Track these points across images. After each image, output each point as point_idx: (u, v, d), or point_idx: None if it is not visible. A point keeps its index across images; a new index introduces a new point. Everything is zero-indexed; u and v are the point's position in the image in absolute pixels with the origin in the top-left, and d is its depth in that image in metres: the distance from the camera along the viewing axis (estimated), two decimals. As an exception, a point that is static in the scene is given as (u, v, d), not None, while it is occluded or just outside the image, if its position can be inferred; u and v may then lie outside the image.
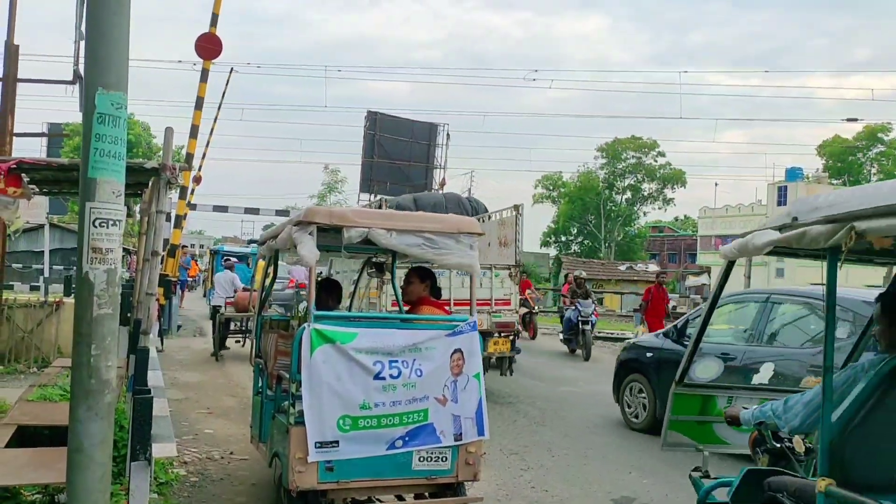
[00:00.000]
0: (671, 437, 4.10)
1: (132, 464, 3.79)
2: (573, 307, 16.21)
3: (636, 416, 8.77)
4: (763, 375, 4.32)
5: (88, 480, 2.67)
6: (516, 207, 11.36)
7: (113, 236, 2.74)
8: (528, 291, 19.64)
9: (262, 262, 14.76)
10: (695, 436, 4.13)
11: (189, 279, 27.68)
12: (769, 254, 2.97)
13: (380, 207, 11.61)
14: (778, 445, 3.36)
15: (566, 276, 18.86)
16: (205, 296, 26.03)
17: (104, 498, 2.74)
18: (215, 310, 14.40)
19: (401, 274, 6.16)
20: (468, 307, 5.08)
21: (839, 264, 2.64)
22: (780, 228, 2.82)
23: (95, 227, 2.70)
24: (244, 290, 14.32)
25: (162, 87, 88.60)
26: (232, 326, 14.28)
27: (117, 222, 2.75)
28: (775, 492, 3.17)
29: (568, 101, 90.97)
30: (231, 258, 17.03)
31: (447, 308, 5.54)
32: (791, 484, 3.11)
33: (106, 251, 2.71)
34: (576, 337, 15.99)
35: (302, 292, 15.02)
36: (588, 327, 15.78)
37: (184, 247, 20.18)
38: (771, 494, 3.19)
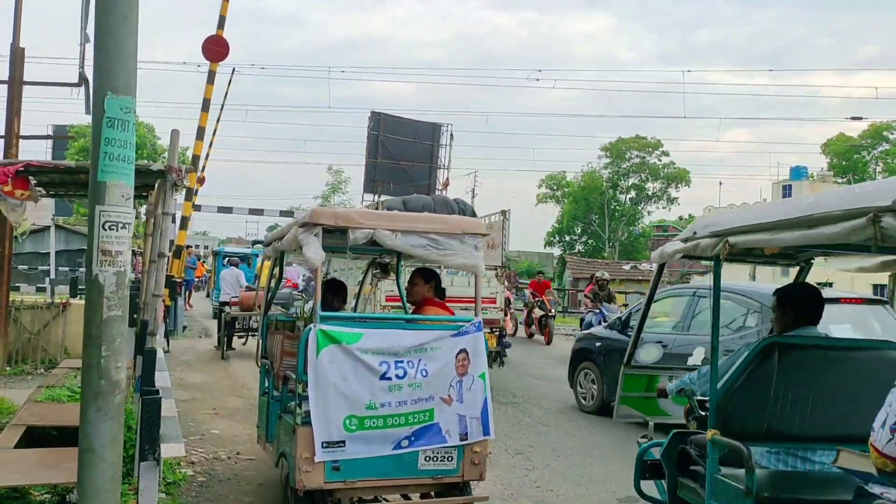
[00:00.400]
0: (622, 411, 4.85)
1: (141, 464, 3.83)
2: (596, 311, 15.10)
3: (585, 399, 9.78)
4: (696, 357, 4.95)
5: (99, 480, 2.70)
6: (503, 213, 12.26)
7: (122, 239, 2.77)
8: (546, 293, 19.16)
9: (267, 263, 16.35)
10: (642, 409, 4.89)
11: (196, 279, 28.10)
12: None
13: (376, 209, 11.76)
14: (703, 413, 4.01)
15: (592, 277, 17.09)
16: (208, 296, 26.27)
17: (114, 497, 2.78)
18: (221, 307, 14.54)
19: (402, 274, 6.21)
20: (459, 304, 5.20)
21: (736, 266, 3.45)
22: (685, 240, 3.72)
23: (105, 230, 2.73)
24: (248, 288, 14.65)
25: (166, 88, 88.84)
26: (236, 325, 14.45)
27: (126, 225, 2.78)
28: (687, 445, 4.00)
29: (572, 100, 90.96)
30: (233, 258, 17.46)
31: (450, 308, 5.57)
32: (697, 438, 3.95)
33: (115, 254, 2.74)
34: None
35: (295, 292, 15.46)
36: None
37: (188, 247, 20.20)
38: (683, 447, 4.03)
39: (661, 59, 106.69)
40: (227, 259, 17.93)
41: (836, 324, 6.50)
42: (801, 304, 3.85)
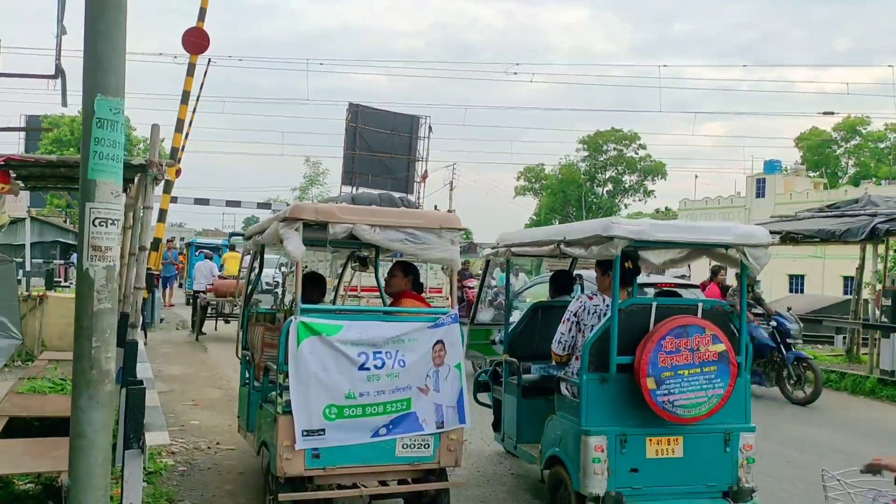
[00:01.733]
0: (470, 354, 7.23)
1: (125, 452, 3.94)
2: (761, 322, 10.44)
3: None
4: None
5: (91, 464, 2.83)
6: (450, 211, 13.20)
7: (112, 235, 2.89)
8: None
9: (234, 254, 17.68)
10: (483, 352, 7.55)
11: (176, 273, 24.79)
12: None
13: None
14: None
15: (714, 272, 11.93)
16: (181, 286, 26.09)
17: (105, 481, 2.90)
18: (195, 295, 15.97)
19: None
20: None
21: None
22: (494, 248, 6.79)
23: (95, 226, 2.84)
24: (220, 277, 16.18)
25: (142, 78, 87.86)
26: (208, 311, 15.67)
27: (115, 221, 2.89)
28: (497, 367, 6.67)
29: (549, 92, 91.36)
30: (206, 249, 18.86)
31: (427, 301, 5.74)
32: (499, 361, 6.58)
33: (105, 249, 2.86)
34: (777, 369, 10.35)
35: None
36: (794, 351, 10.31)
37: (170, 240, 20.31)
38: (496, 368, 6.75)
39: (637, 51, 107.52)
40: (198, 250, 19.18)
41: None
42: (559, 282, 6.84)
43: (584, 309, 5.25)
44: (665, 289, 8.31)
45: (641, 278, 7.25)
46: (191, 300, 17.09)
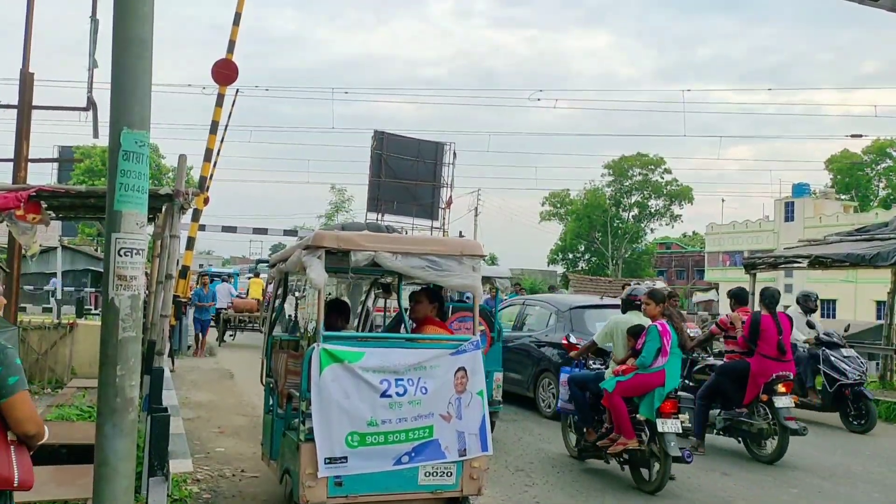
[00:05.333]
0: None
1: (150, 479, 3.98)
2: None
3: (548, 406, 10.48)
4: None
5: (115, 492, 2.86)
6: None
7: (136, 264, 2.94)
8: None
9: (257, 280, 22.27)
10: None
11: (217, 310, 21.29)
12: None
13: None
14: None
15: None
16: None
17: (128, 509, 2.92)
18: (218, 311, 19.95)
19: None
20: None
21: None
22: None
23: (120, 255, 2.90)
24: (238, 296, 21.35)
25: (169, 109, 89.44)
26: (229, 324, 20.15)
27: (140, 251, 2.95)
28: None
29: (573, 118, 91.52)
30: (222, 277, 24.21)
31: (449, 329, 5.76)
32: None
33: (130, 278, 2.92)
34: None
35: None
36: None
37: (203, 274, 21.78)
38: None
39: (660, 76, 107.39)
40: (213, 277, 23.54)
41: (600, 321, 9.33)
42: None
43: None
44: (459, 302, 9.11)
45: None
46: (216, 316, 20.66)
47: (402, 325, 6.27)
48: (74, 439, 6.01)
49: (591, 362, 7.69)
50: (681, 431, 6.65)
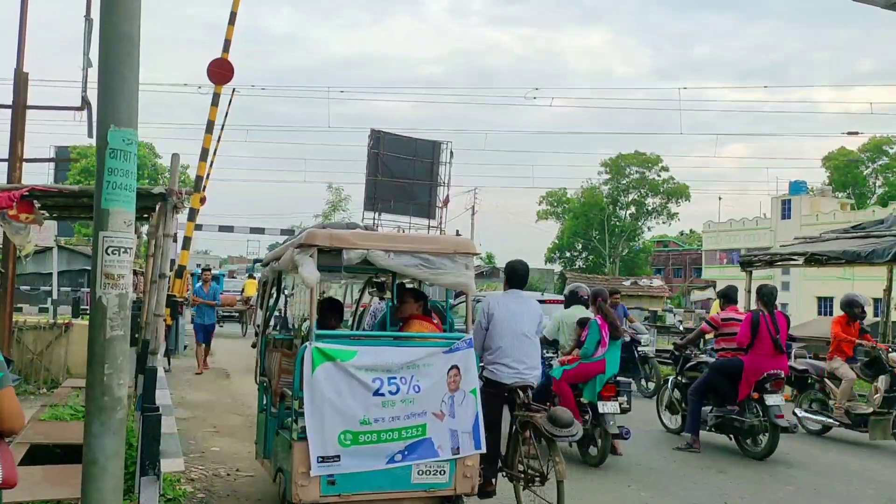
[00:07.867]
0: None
1: (142, 478, 3.96)
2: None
3: None
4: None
5: (103, 491, 2.85)
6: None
7: (124, 263, 2.93)
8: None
9: (253, 280, 23.25)
10: None
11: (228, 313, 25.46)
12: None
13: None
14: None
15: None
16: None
17: (117, 508, 2.91)
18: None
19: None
20: None
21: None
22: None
23: (108, 254, 2.89)
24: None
25: (165, 108, 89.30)
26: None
27: (128, 249, 2.94)
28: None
29: (570, 116, 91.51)
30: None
31: (436, 323, 5.72)
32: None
33: (118, 277, 2.90)
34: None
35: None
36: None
37: (205, 269, 22.25)
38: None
39: (657, 74, 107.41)
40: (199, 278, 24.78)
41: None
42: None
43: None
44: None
45: None
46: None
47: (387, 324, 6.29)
48: (68, 439, 6.01)
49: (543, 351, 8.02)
50: (619, 412, 7.44)
